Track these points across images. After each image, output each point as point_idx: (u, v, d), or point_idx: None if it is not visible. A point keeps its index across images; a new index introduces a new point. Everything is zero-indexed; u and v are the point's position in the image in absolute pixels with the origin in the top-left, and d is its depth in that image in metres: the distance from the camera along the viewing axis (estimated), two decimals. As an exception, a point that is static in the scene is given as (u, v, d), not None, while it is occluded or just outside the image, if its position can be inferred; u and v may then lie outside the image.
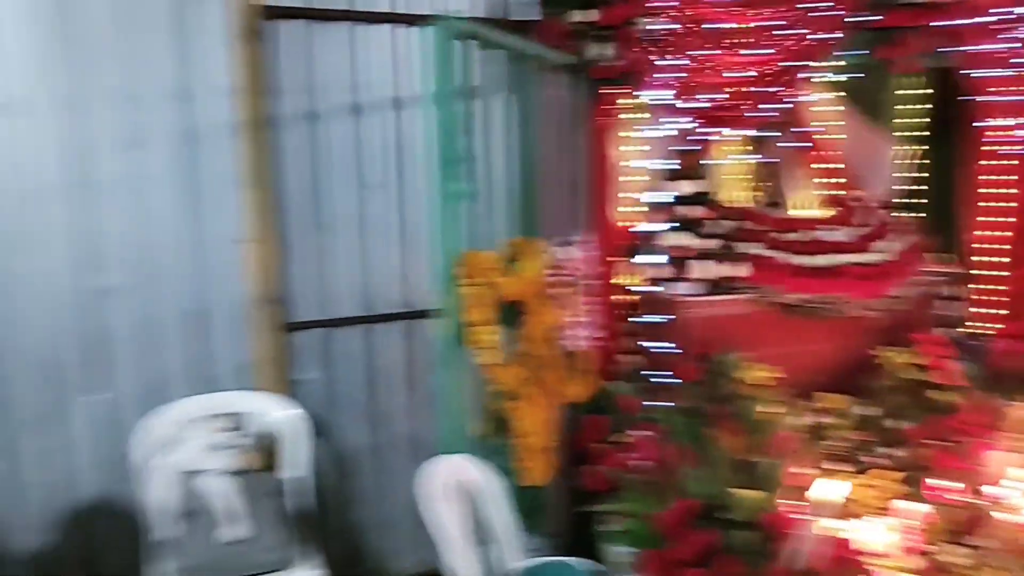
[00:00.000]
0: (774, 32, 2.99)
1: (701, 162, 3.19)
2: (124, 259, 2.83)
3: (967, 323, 3.39)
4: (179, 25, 2.80)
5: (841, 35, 3.02)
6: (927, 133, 3.46)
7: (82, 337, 2.81)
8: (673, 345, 2.99)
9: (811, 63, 3.08)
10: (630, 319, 3.23)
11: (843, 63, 3.23)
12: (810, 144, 3.33)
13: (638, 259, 3.22)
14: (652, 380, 2.96)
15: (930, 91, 3.41)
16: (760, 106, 3.07)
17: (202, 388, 2.94)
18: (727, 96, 3.04)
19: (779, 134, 3.25)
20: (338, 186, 3.10)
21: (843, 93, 3.34)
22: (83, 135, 2.74)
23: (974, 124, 3.25)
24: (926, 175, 3.51)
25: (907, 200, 3.45)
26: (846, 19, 3.01)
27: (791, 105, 3.15)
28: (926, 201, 3.50)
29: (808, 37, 3.00)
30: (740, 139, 3.32)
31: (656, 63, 3.06)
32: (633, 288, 3.29)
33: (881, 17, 3.10)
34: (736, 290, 3.07)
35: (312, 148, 3.05)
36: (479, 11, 3.12)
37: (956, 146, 3.40)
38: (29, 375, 2.76)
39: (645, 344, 3.10)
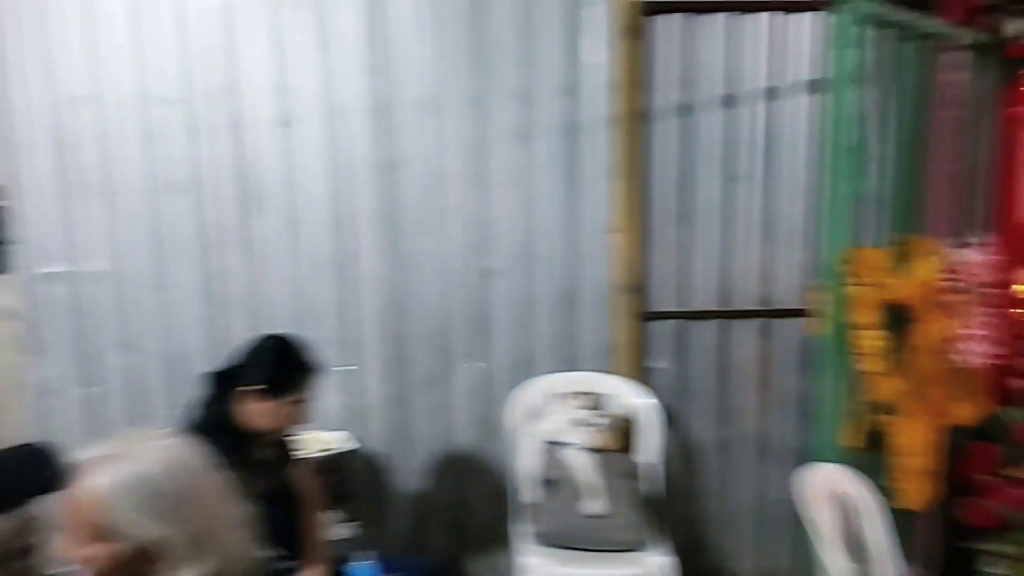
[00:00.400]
0: None
1: None
2: (507, 243, 3.08)
3: None
4: (569, 25, 2.95)
5: None
6: None
7: (467, 311, 3.11)
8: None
9: None
10: (1036, 337, 2.81)
11: None
12: None
13: (1052, 268, 2.79)
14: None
15: None
16: None
17: (564, 366, 3.12)
18: None
19: None
20: (702, 178, 3.07)
21: None
22: (481, 130, 3.01)
23: None
24: None
25: None
26: None
27: None
28: None
29: None
30: None
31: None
32: (1042, 301, 2.85)
33: None
34: None
35: (681, 140, 3.05)
36: (869, -10, 2.89)
37: None
38: (424, 340, 3.13)
39: (1053, 367, 2.69)
